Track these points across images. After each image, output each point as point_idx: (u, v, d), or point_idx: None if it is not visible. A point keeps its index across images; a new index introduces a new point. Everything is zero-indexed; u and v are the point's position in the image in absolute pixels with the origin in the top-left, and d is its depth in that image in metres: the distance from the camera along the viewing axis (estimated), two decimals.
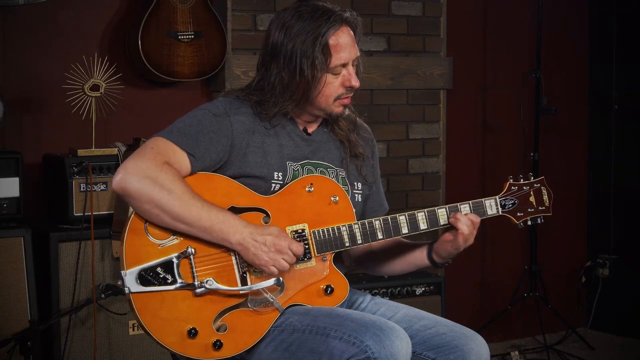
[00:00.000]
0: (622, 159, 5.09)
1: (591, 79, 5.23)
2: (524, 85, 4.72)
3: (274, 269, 2.40)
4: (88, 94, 3.71)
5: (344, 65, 2.53)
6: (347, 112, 2.62)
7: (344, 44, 2.51)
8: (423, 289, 4.21)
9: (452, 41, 4.72)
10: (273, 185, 2.51)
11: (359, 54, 2.57)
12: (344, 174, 2.64)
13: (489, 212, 2.62)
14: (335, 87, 2.54)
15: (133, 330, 3.62)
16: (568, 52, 5.15)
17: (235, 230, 2.38)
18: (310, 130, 2.63)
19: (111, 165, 3.66)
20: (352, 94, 2.58)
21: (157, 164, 2.37)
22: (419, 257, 2.65)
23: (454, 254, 2.59)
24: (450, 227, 2.57)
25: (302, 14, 2.51)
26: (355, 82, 2.55)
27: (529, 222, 2.66)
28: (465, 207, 2.58)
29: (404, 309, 2.58)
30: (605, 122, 5.14)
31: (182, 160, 2.42)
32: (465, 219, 2.54)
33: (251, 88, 2.59)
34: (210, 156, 2.46)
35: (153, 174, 2.35)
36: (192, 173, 2.44)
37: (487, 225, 2.90)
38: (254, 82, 2.59)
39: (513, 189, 2.64)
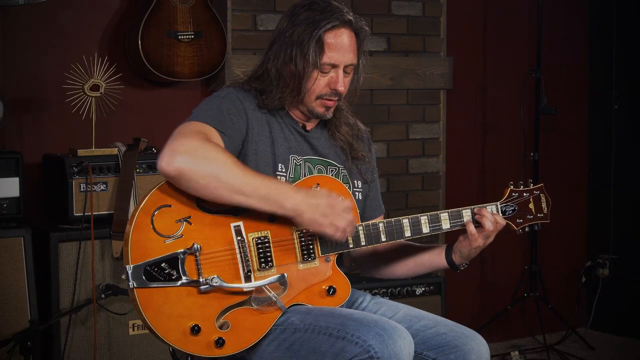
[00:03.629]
0: (622, 159, 5.10)
1: (591, 79, 5.23)
2: (524, 85, 4.72)
3: (333, 229, 2.38)
4: (88, 94, 3.70)
5: (334, 67, 2.53)
6: (330, 114, 2.60)
7: (339, 45, 2.51)
8: (423, 289, 4.20)
9: (452, 41, 4.72)
10: (278, 177, 2.52)
11: (355, 62, 2.56)
12: (345, 172, 2.64)
13: None
14: (321, 86, 2.53)
15: (133, 330, 3.62)
16: (568, 52, 5.15)
17: (287, 196, 2.36)
18: (308, 127, 2.64)
19: (111, 165, 3.66)
20: (336, 98, 2.56)
21: (201, 140, 2.34)
22: (435, 259, 2.64)
23: (473, 253, 2.59)
24: (460, 231, 2.58)
25: (313, 6, 2.52)
26: (341, 87, 2.53)
27: (527, 229, 2.68)
28: (467, 213, 2.58)
29: (404, 309, 2.58)
30: (605, 122, 5.15)
31: (217, 139, 2.41)
32: (491, 216, 2.55)
33: (252, 76, 2.60)
34: (236, 137, 2.46)
35: (202, 149, 2.32)
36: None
37: None
38: (255, 69, 2.61)
39: (514, 195, 2.65)
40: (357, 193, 2.66)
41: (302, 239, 2.47)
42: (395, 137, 4.60)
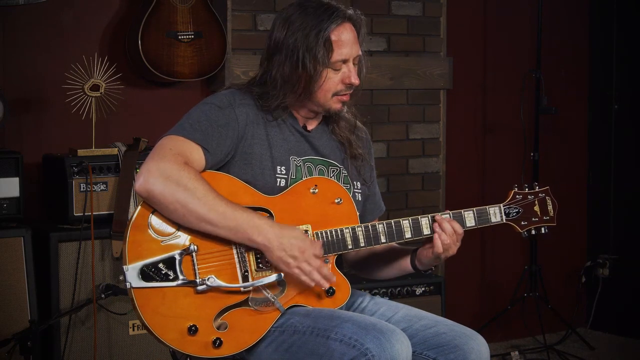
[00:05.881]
0: (622, 159, 5.10)
1: (591, 79, 5.23)
2: (524, 85, 4.72)
3: (298, 272, 2.39)
4: (88, 94, 3.70)
5: (345, 62, 2.54)
6: (345, 109, 2.62)
7: (345, 40, 2.53)
8: (423, 289, 4.20)
9: (452, 41, 4.72)
10: (278, 180, 2.52)
11: (360, 53, 2.58)
12: (346, 172, 2.64)
13: (493, 219, 2.62)
14: (335, 83, 2.54)
15: (133, 330, 3.62)
16: (568, 52, 5.15)
17: (259, 230, 2.37)
18: (309, 127, 2.64)
19: (111, 165, 3.66)
20: (351, 91, 2.58)
21: (178, 164, 2.37)
22: (403, 263, 2.65)
23: (433, 262, 2.59)
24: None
25: (306, 9, 2.53)
26: (355, 80, 2.55)
27: (533, 232, 2.67)
28: (469, 214, 2.58)
29: (404, 309, 2.58)
30: (605, 122, 5.14)
31: (198, 156, 2.43)
32: (449, 227, 2.53)
33: (253, 83, 2.60)
34: (221, 150, 2.46)
35: (176, 175, 2.35)
36: (206, 168, 2.44)
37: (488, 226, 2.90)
38: (257, 77, 2.60)
39: (518, 198, 2.64)
40: (357, 194, 2.66)
41: None
42: (395, 137, 4.60)
